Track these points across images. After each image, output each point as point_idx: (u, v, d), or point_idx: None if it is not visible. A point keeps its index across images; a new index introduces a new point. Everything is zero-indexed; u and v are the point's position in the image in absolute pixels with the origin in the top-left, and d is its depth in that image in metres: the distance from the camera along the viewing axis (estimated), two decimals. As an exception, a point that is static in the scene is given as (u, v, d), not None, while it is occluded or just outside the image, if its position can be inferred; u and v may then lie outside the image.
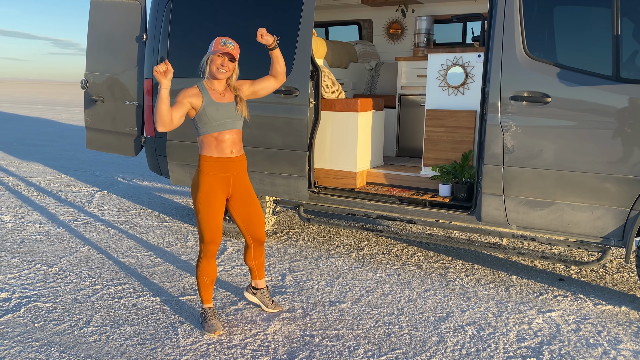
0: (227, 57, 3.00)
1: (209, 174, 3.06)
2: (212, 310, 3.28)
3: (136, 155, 5.68)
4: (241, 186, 3.19)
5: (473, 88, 4.22)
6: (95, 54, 5.82)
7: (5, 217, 5.73)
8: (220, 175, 3.08)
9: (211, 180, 3.06)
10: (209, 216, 3.06)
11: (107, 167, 9.08)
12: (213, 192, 3.07)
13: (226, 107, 3.05)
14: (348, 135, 4.51)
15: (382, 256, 4.64)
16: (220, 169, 3.07)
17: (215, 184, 3.07)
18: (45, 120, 18.76)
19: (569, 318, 3.48)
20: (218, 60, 2.98)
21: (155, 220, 5.74)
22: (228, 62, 3.01)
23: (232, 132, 3.08)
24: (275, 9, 4.39)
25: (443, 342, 3.14)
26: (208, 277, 3.20)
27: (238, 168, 3.14)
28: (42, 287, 3.86)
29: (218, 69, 2.99)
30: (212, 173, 3.06)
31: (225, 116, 3.04)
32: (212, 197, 3.06)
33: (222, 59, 2.99)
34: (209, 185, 3.06)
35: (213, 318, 3.22)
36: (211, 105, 3.01)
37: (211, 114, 3.01)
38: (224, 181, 3.10)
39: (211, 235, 3.10)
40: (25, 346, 3.02)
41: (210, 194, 3.06)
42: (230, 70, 3.04)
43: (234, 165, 3.11)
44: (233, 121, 3.08)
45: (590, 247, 3.69)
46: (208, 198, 3.06)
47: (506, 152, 3.70)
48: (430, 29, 5.53)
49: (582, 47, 3.47)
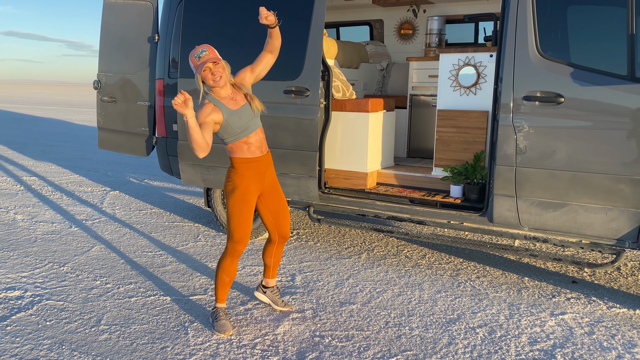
0: (210, 64, 2.95)
1: (245, 175, 3.09)
2: (224, 311, 3.28)
3: (148, 155, 5.71)
4: (271, 182, 3.25)
5: (485, 88, 4.18)
6: (107, 54, 5.87)
7: (19, 216, 5.78)
8: (255, 175, 3.12)
9: (248, 180, 3.10)
10: (243, 216, 3.10)
11: (119, 167, 9.14)
12: (249, 192, 3.11)
13: (245, 112, 3.05)
14: (359, 136, 4.50)
15: (392, 257, 4.61)
16: (255, 168, 3.11)
17: (252, 184, 3.11)
18: (58, 121, 18.95)
19: (582, 321, 3.43)
20: (207, 74, 2.95)
21: (166, 220, 5.76)
22: (215, 67, 2.96)
23: (257, 133, 3.11)
24: (286, 10, 4.39)
25: (454, 344, 3.11)
26: (228, 277, 3.21)
27: (269, 165, 3.20)
28: (54, 285, 3.89)
29: (214, 80, 2.96)
30: (247, 173, 3.09)
31: (247, 119, 3.05)
32: (249, 197, 3.10)
33: (208, 69, 2.95)
34: (246, 185, 3.09)
35: (224, 318, 3.23)
36: (232, 115, 3.01)
37: (235, 123, 3.01)
38: (258, 180, 3.14)
39: (242, 234, 3.12)
40: (37, 344, 3.05)
41: (247, 194, 3.10)
42: (222, 71, 2.99)
43: (265, 163, 3.16)
44: (254, 121, 3.10)
45: (604, 249, 3.64)
46: (245, 198, 3.09)
47: (518, 153, 3.66)
48: (442, 29, 5.50)
49: (596, 47, 3.43)
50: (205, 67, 2.94)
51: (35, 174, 8.29)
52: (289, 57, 4.35)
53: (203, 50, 2.95)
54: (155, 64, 5.43)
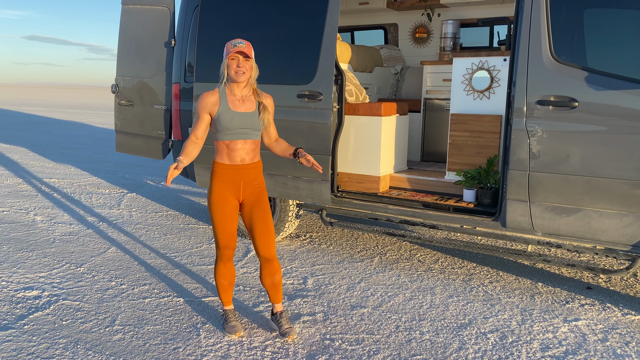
0: (241, 57, 2.93)
1: (219, 180, 3.04)
2: (233, 312, 3.31)
3: (164, 158, 5.79)
4: (252, 194, 3.10)
5: (499, 92, 4.17)
6: (125, 59, 5.96)
7: (39, 217, 5.90)
8: (230, 182, 3.04)
9: (221, 185, 3.04)
10: (222, 221, 3.06)
11: (137, 170, 9.27)
12: (224, 197, 3.05)
13: (242, 117, 2.98)
14: (371, 140, 4.51)
15: (405, 261, 4.61)
16: (230, 175, 3.03)
17: (226, 190, 3.05)
18: (79, 123, 19.27)
19: (595, 328, 3.40)
20: (233, 63, 2.93)
21: (181, 222, 5.83)
22: (244, 62, 2.93)
23: (246, 142, 3.02)
24: (300, 14, 4.42)
25: (464, 348, 3.10)
26: (226, 280, 3.22)
27: (249, 176, 3.07)
28: (71, 286, 3.97)
29: (236, 72, 2.93)
30: (222, 179, 3.04)
31: (239, 126, 2.97)
32: (224, 202, 3.05)
33: (237, 60, 2.92)
34: (220, 190, 3.04)
35: (234, 319, 3.25)
36: (226, 113, 2.96)
37: (225, 123, 2.95)
38: (234, 187, 3.06)
39: (225, 240, 3.10)
40: (52, 343, 3.11)
41: (221, 198, 3.04)
42: (248, 70, 2.96)
43: (244, 172, 3.04)
44: (247, 132, 3.00)
45: (619, 256, 3.59)
46: (220, 202, 3.05)
47: (532, 158, 3.64)
48: (457, 32, 5.49)
49: (611, 51, 3.40)
50: (234, 55, 2.91)
51: (55, 176, 8.45)
52: (302, 62, 4.38)
53: (241, 42, 2.92)
54: (172, 69, 5.51)
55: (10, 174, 8.54)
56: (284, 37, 4.48)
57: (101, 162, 10.12)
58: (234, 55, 2.92)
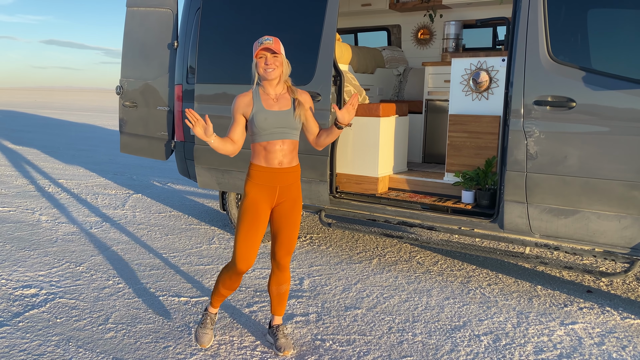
0: (268, 54, 2.78)
1: (255, 183, 2.88)
2: (213, 319, 3.13)
3: (167, 159, 5.82)
4: (286, 200, 2.94)
5: (497, 93, 4.13)
6: (129, 61, 6.02)
7: (43, 217, 5.97)
8: (266, 185, 2.88)
9: (257, 189, 2.88)
10: (249, 228, 2.86)
11: (145, 171, 9.34)
12: (257, 202, 2.88)
13: (276, 116, 2.83)
14: (370, 141, 4.49)
15: (403, 263, 4.58)
16: (267, 178, 2.87)
17: (260, 194, 2.88)
18: (92, 126, 19.49)
19: (592, 331, 3.34)
20: (261, 61, 2.79)
21: (183, 222, 5.86)
22: (272, 58, 2.78)
23: (284, 143, 2.86)
24: (299, 15, 4.43)
25: (456, 350, 3.07)
26: (226, 290, 3.01)
27: (286, 180, 2.90)
28: (69, 284, 4.00)
29: (265, 70, 2.79)
30: (258, 182, 2.88)
31: (274, 125, 2.83)
32: (256, 208, 2.87)
33: (265, 58, 2.79)
34: (254, 194, 2.88)
35: (209, 327, 3.10)
36: (260, 113, 2.82)
37: (259, 123, 2.81)
38: (269, 192, 2.89)
39: (245, 252, 2.86)
40: (45, 340, 3.14)
41: (254, 204, 2.87)
42: (278, 66, 2.81)
43: (281, 176, 2.88)
44: (284, 131, 2.85)
45: (617, 258, 3.53)
46: (251, 208, 2.87)
47: (529, 159, 3.60)
48: (459, 33, 5.46)
49: (609, 50, 3.35)
50: (261, 53, 2.79)
51: (64, 177, 8.55)
52: (301, 62, 4.38)
53: (267, 39, 2.79)
54: (175, 70, 5.55)
55: (20, 175, 8.66)
56: (283, 38, 4.49)
57: (110, 163, 10.22)
58: (261, 53, 2.79)
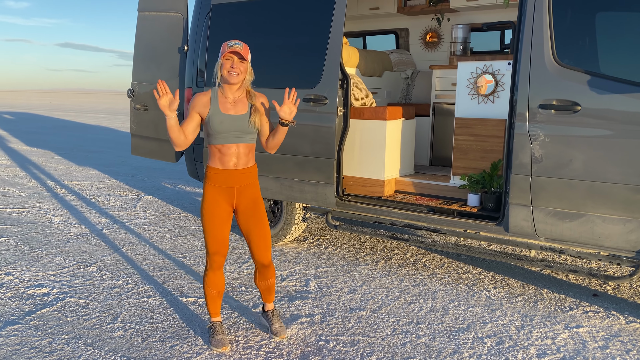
0: (236, 57, 2.86)
1: (211, 185, 2.98)
2: (220, 325, 3.19)
3: (176, 161, 5.90)
4: (246, 200, 3.04)
5: (503, 96, 4.14)
6: (140, 64, 6.11)
7: (56, 218, 6.07)
8: (223, 187, 2.98)
9: (214, 190, 2.98)
10: (213, 226, 2.98)
11: (156, 173, 9.45)
12: (216, 202, 2.98)
13: (232, 120, 2.91)
14: (376, 144, 4.52)
15: (410, 266, 4.60)
16: (223, 180, 2.97)
17: (218, 195, 2.98)
18: (105, 128, 19.71)
19: (597, 335, 3.34)
20: (227, 63, 2.86)
21: (193, 224, 5.93)
22: (238, 63, 2.86)
23: (238, 146, 2.95)
24: (306, 19, 4.48)
25: (459, 352, 3.09)
26: (215, 290, 3.10)
27: (242, 181, 3.00)
28: (79, 284, 4.08)
29: (229, 72, 2.86)
30: (214, 184, 2.97)
31: (229, 129, 2.91)
32: (215, 207, 2.98)
33: (231, 61, 2.86)
34: (212, 195, 2.98)
35: (220, 333, 3.14)
36: (216, 116, 2.90)
37: (215, 125, 2.90)
38: (227, 193, 2.99)
39: (215, 246, 3.01)
40: (55, 338, 3.21)
41: (213, 204, 2.98)
42: (242, 72, 2.89)
43: (237, 177, 2.98)
44: (239, 135, 2.94)
45: (622, 262, 3.52)
46: (211, 208, 2.98)
47: (534, 162, 3.61)
48: (467, 37, 5.47)
49: (614, 54, 3.35)
50: (229, 55, 2.85)
51: (76, 179, 8.67)
52: (308, 66, 4.43)
53: (237, 43, 2.86)
54: (185, 73, 5.63)
55: (33, 176, 8.81)
56: (290, 42, 4.54)
57: (122, 165, 10.34)
58: (228, 55, 2.85)
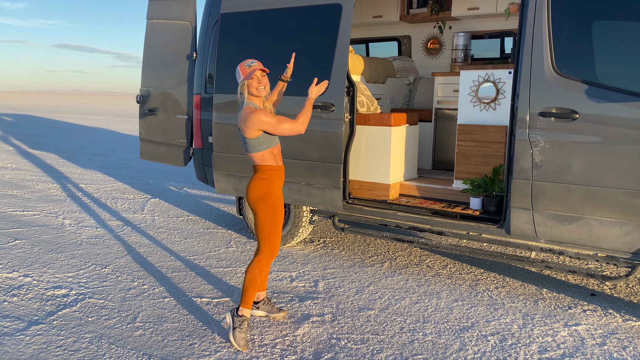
0: (258, 74, 3.19)
1: (273, 182, 3.28)
2: (249, 322, 3.30)
3: (185, 165, 6.05)
4: (280, 192, 3.42)
5: (504, 104, 4.31)
6: (149, 71, 6.26)
7: (67, 221, 6.22)
8: (279, 180, 3.32)
9: (272, 185, 3.27)
10: (278, 220, 3.29)
11: (161, 176, 9.59)
12: (278, 196, 3.30)
13: None
14: (381, 149, 4.68)
15: (414, 267, 4.76)
16: (278, 175, 3.31)
17: (277, 189, 3.30)
18: (106, 130, 19.83)
19: (595, 332, 3.50)
20: (254, 82, 3.18)
21: (201, 226, 6.08)
22: (263, 77, 3.21)
23: (279, 145, 3.36)
24: (313, 28, 4.63)
25: (464, 350, 3.25)
26: (261, 277, 3.33)
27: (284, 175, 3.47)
28: (96, 285, 4.23)
29: (258, 89, 3.19)
30: (274, 179, 3.28)
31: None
32: (278, 201, 3.29)
33: (257, 78, 3.19)
34: (275, 191, 3.29)
35: (246, 331, 3.26)
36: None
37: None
38: (279, 186, 3.34)
39: (278, 237, 3.31)
40: (79, 337, 3.36)
41: (278, 199, 3.30)
42: (267, 84, 3.24)
43: (283, 172, 3.38)
44: (277, 136, 3.34)
45: (619, 263, 3.69)
46: (277, 203, 3.28)
47: (534, 167, 3.77)
48: (468, 44, 5.64)
49: (610, 64, 3.52)
50: (254, 75, 3.18)
51: (83, 182, 8.81)
52: (316, 74, 4.59)
53: (253, 62, 3.20)
54: (193, 80, 5.78)
55: (41, 179, 8.94)
56: (298, 50, 4.70)
57: (126, 168, 10.48)
58: (253, 74, 3.18)
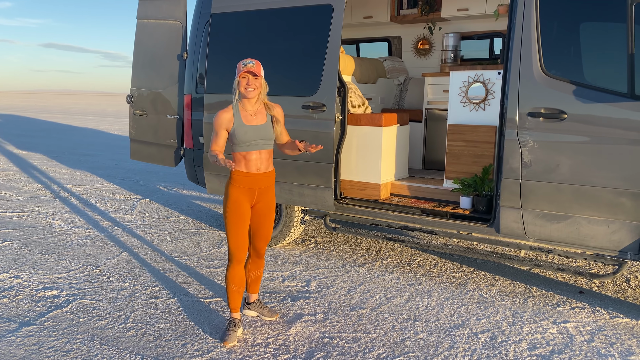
0: (250, 75, 3.21)
1: (236, 186, 3.28)
2: (236, 322, 3.38)
3: (176, 165, 6.04)
4: (264, 200, 3.39)
5: (493, 104, 4.35)
6: (140, 71, 6.24)
7: (57, 222, 6.18)
8: (247, 188, 3.29)
9: (238, 191, 3.28)
10: (236, 225, 3.27)
11: (151, 177, 9.55)
12: (240, 202, 3.27)
13: (255, 130, 3.25)
14: (373, 149, 4.71)
15: (405, 266, 4.80)
16: (247, 182, 3.28)
17: (242, 195, 3.28)
18: (94, 130, 19.70)
19: (583, 329, 3.56)
20: (244, 81, 3.21)
21: (192, 227, 6.07)
22: (253, 80, 3.21)
23: (260, 152, 3.28)
24: (304, 29, 4.65)
25: (455, 347, 3.29)
26: (235, 285, 3.34)
27: (264, 183, 3.34)
28: (87, 286, 4.21)
29: (246, 89, 3.21)
30: (240, 185, 3.28)
31: (253, 138, 3.24)
32: (239, 207, 3.27)
33: (247, 79, 3.21)
34: (237, 196, 3.27)
35: (233, 330, 3.33)
36: (240, 127, 3.22)
37: (240, 136, 3.22)
38: (249, 193, 3.31)
39: (238, 242, 3.29)
40: (71, 338, 3.35)
41: (237, 203, 3.27)
42: (257, 87, 3.24)
43: (260, 180, 3.31)
44: (261, 143, 3.27)
45: (606, 260, 3.75)
46: (235, 207, 3.27)
47: (523, 167, 3.82)
48: (458, 45, 5.68)
49: (597, 65, 3.58)
50: (244, 74, 3.20)
51: (72, 182, 8.76)
52: (307, 74, 4.61)
53: (250, 62, 3.21)
54: (184, 80, 5.77)
55: (29, 180, 8.87)
56: (289, 51, 4.72)
57: (116, 168, 10.43)
58: (244, 74, 3.20)
